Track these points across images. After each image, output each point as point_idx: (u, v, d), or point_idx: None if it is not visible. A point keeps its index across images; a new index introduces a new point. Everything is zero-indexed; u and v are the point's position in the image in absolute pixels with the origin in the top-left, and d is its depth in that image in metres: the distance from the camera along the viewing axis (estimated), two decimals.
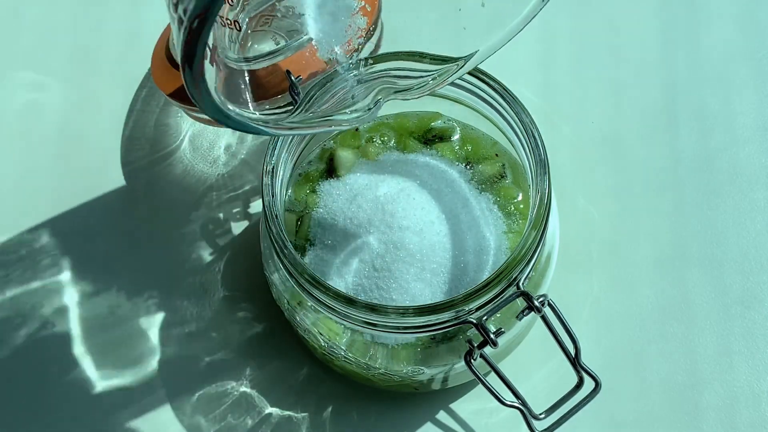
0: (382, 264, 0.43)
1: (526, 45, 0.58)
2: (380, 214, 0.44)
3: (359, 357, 0.43)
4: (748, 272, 0.50)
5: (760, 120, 0.54)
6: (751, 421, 0.47)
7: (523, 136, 0.41)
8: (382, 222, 0.44)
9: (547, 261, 0.44)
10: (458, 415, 0.48)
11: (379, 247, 0.43)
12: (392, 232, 0.44)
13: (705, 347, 0.49)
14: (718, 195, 0.53)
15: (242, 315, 0.51)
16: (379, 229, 0.44)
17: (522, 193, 0.45)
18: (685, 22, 0.58)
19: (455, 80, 0.42)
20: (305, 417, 0.48)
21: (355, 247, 0.44)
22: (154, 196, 0.55)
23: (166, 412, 0.49)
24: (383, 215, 0.44)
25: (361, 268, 0.43)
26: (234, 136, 0.56)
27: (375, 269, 0.43)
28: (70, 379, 0.50)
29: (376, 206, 0.44)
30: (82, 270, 0.53)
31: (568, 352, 0.40)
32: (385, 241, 0.44)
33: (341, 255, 0.44)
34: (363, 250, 0.44)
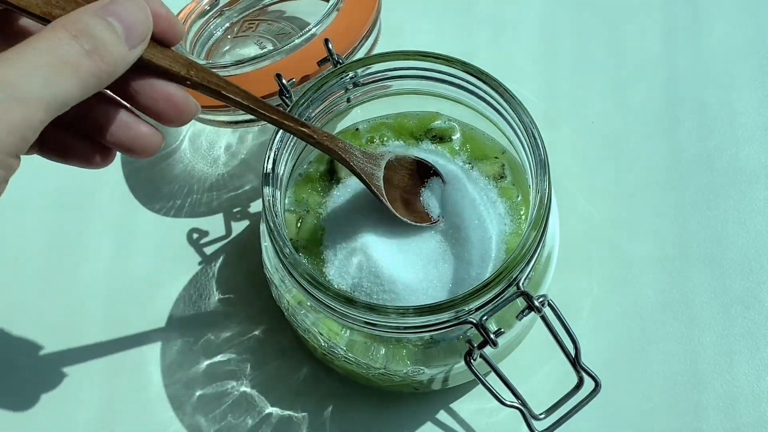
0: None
1: (527, 45, 0.58)
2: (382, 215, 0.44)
3: (359, 357, 0.43)
4: (748, 272, 0.50)
5: (760, 120, 0.54)
6: (752, 420, 0.47)
7: (523, 136, 0.41)
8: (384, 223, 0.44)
9: (547, 261, 0.44)
10: (458, 415, 0.48)
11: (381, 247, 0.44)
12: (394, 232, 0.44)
13: (705, 347, 0.49)
14: (718, 195, 0.53)
15: (242, 315, 0.51)
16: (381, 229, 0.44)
17: (522, 193, 0.45)
18: (685, 22, 0.58)
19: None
20: (305, 417, 0.48)
21: (355, 248, 0.44)
22: (154, 195, 0.55)
23: (166, 412, 0.49)
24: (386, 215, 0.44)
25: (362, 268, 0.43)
26: (234, 136, 0.56)
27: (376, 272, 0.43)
28: (70, 379, 0.50)
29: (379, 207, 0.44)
30: (81, 270, 0.53)
31: (568, 352, 0.40)
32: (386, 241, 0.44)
33: (341, 256, 0.44)
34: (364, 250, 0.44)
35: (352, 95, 0.46)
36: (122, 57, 0.31)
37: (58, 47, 0.29)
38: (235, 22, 0.58)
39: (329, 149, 0.40)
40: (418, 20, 0.59)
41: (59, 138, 0.34)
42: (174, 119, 0.34)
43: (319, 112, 0.44)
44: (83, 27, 0.30)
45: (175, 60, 0.33)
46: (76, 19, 0.30)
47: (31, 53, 0.29)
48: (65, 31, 0.29)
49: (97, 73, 0.30)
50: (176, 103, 0.33)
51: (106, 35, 0.30)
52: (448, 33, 0.59)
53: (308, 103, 0.43)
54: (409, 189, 0.43)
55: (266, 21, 0.58)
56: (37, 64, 0.29)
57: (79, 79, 0.29)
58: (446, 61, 0.43)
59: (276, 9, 0.58)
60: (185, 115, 0.34)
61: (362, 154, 0.41)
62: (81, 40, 0.29)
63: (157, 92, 0.33)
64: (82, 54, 0.29)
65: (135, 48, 0.31)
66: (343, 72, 0.43)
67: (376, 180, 0.41)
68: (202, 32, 0.56)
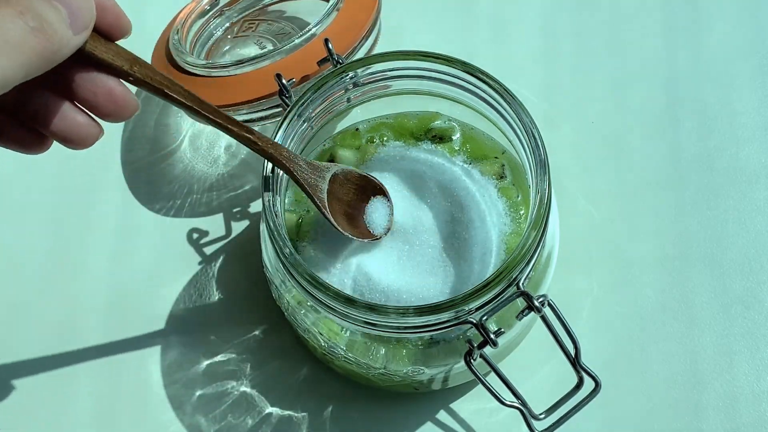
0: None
1: (526, 45, 0.58)
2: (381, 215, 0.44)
3: (359, 357, 0.43)
4: (748, 272, 0.50)
5: (761, 120, 0.54)
6: (752, 420, 0.47)
7: (523, 136, 0.41)
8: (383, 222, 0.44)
9: (547, 261, 0.44)
10: (458, 415, 0.48)
11: (381, 248, 0.44)
12: (394, 232, 0.44)
13: (705, 347, 0.49)
14: (718, 195, 0.53)
15: (242, 315, 0.51)
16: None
17: (522, 193, 0.45)
18: (685, 22, 0.58)
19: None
20: (305, 417, 0.48)
21: (356, 248, 0.44)
22: (154, 195, 0.55)
23: (166, 412, 0.49)
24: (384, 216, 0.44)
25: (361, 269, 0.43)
26: None
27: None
28: (70, 379, 0.50)
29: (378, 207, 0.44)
30: (82, 270, 0.53)
31: (568, 352, 0.40)
32: (386, 241, 0.44)
33: (341, 256, 0.44)
34: (365, 250, 0.44)
35: (352, 95, 0.46)
36: (67, 39, 0.30)
37: (1, 24, 0.29)
38: (235, 22, 0.58)
39: (273, 157, 0.39)
40: (418, 20, 0.59)
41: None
42: (112, 114, 0.33)
43: (319, 112, 0.44)
44: (28, 4, 0.29)
45: (119, 54, 0.33)
46: (20, 2, 0.30)
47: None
48: (9, 7, 0.29)
49: (42, 52, 0.29)
50: (116, 99, 0.33)
51: (52, 15, 0.30)
52: (448, 33, 0.59)
53: (308, 103, 0.43)
54: (353, 204, 0.43)
55: (266, 21, 0.58)
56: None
57: (23, 57, 0.29)
58: (446, 61, 0.43)
59: (276, 9, 0.58)
60: (124, 110, 0.34)
61: (307, 164, 0.40)
62: (26, 17, 0.29)
63: (97, 86, 0.33)
64: (27, 31, 0.29)
65: (79, 34, 0.31)
66: (343, 72, 0.43)
67: (320, 192, 0.40)
68: (202, 32, 0.56)
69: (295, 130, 0.43)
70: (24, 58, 0.29)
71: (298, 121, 0.43)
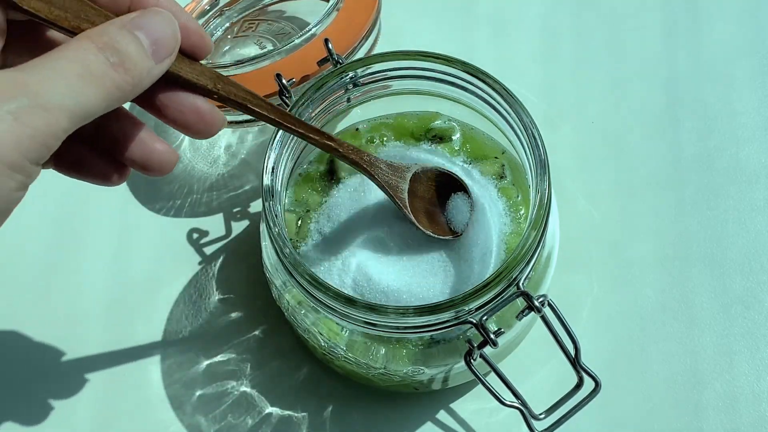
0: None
1: (526, 45, 0.58)
2: (382, 216, 0.44)
3: (359, 357, 0.43)
4: (748, 272, 0.50)
5: (761, 120, 0.54)
6: (752, 420, 0.47)
7: (523, 136, 0.41)
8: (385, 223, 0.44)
9: (547, 261, 0.44)
10: (458, 415, 0.48)
11: (381, 248, 0.44)
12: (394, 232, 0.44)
13: (705, 347, 0.49)
14: (718, 195, 0.53)
15: (242, 315, 0.51)
16: (381, 229, 0.44)
17: (522, 193, 0.45)
18: (685, 22, 0.58)
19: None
20: (305, 417, 0.48)
21: (356, 248, 0.44)
22: (154, 195, 0.55)
23: (166, 412, 0.49)
24: (385, 217, 0.44)
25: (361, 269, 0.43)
26: (234, 136, 0.56)
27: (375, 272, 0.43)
28: (70, 379, 0.50)
29: (379, 208, 0.44)
30: (82, 270, 0.53)
31: (568, 352, 0.40)
32: (386, 241, 0.44)
33: (341, 256, 0.44)
34: (365, 250, 0.44)
35: (352, 95, 0.46)
36: (147, 71, 0.31)
37: (83, 57, 0.29)
38: (235, 22, 0.58)
39: (355, 162, 0.40)
40: (418, 20, 0.59)
41: (76, 152, 0.34)
42: (202, 131, 0.34)
43: (319, 112, 0.44)
44: (109, 39, 0.30)
45: (203, 74, 0.33)
46: (103, 32, 0.30)
47: (56, 62, 0.29)
48: (91, 42, 0.30)
49: (122, 85, 0.30)
50: (203, 116, 0.34)
51: (132, 48, 0.30)
52: (448, 33, 0.59)
53: (308, 103, 0.43)
54: (433, 201, 0.43)
55: (266, 21, 0.58)
56: (63, 73, 0.29)
57: (103, 90, 0.29)
58: (446, 61, 0.43)
59: (276, 9, 0.58)
60: (213, 127, 0.34)
61: (388, 166, 0.41)
62: (106, 52, 0.30)
63: (184, 105, 0.33)
64: (107, 66, 0.29)
65: (161, 62, 0.31)
66: (343, 72, 0.43)
67: (401, 193, 0.41)
68: None
69: None
70: (105, 91, 0.29)
71: None
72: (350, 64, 0.44)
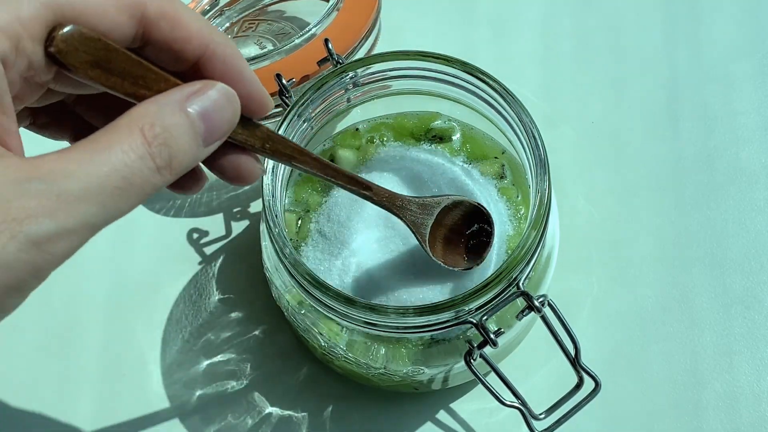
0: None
1: (526, 45, 0.58)
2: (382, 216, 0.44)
3: (359, 357, 0.43)
4: (748, 272, 0.50)
5: (761, 120, 0.54)
6: (752, 420, 0.47)
7: (523, 136, 0.41)
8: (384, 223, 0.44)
9: (547, 261, 0.44)
10: (458, 415, 0.48)
11: (381, 248, 0.44)
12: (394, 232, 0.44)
13: (705, 347, 0.49)
14: (718, 195, 0.53)
15: (242, 315, 0.51)
16: (381, 229, 0.44)
17: (522, 193, 0.45)
18: (685, 22, 0.58)
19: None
20: (305, 417, 0.48)
21: (356, 248, 0.44)
22: (154, 195, 0.55)
23: (166, 412, 0.49)
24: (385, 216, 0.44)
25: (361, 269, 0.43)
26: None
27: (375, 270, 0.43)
28: (69, 379, 0.50)
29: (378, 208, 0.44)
30: (81, 270, 0.53)
31: (568, 352, 0.40)
32: (386, 242, 0.44)
33: (341, 256, 0.44)
34: (365, 250, 0.44)
35: (352, 95, 0.46)
36: (193, 160, 0.28)
37: (127, 162, 0.26)
38: (235, 22, 0.58)
39: (388, 208, 0.40)
40: (418, 20, 0.59)
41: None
42: (238, 182, 0.32)
43: (319, 112, 0.44)
44: (162, 129, 0.27)
45: (253, 134, 0.32)
46: (157, 116, 0.27)
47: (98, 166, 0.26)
48: (141, 136, 0.26)
49: (160, 186, 0.27)
50: (243, 172, 0.32)
51: (184, 141, 0.27)
52: (448, 33, 0.59)
53: (308, 103, 0.43)
54: (456, 229, 0.43)
55: (266, 21, 0.58)
56: (101, 188, 0.26)
57: (138, 200, 0.27)
58: (446, 61, 0.43)
59: (276, 9, 0.58)
60: (250, 180, 0.32)
61: (418, 206, 0.41)
62: (154, 151, 0.26)
63: (228, 161, 0.31)
64: (152, 171, 0.27)
65: (209, 147, 0.29)
66: (343, 72, 0.43)
67: (423, 229, 0.41)
68: None
69: (295, 130, 0.43)
70: (139, 200, 0.27)
71: (298, 121, 0.43)
72: (350, 64, 0.44)
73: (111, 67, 0.28)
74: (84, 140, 0.26)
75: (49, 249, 0.25)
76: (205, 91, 0.29)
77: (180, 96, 0.28)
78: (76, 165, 0.25)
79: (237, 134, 0.31)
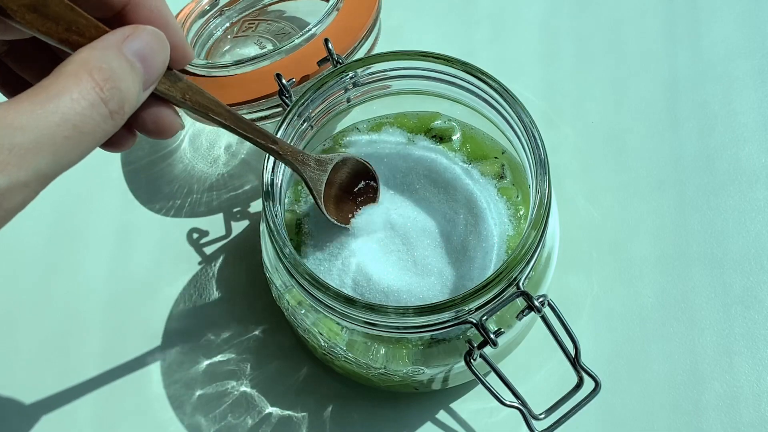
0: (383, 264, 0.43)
1: (527, 45, 0.58)
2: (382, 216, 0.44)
3: (359, 357, 0.43)
4: (748, 272, 0.50)
5: (761, 119, 0.54)
6: (752, 420, 0.47)
7: (523, 136, 0.41)
8: (384, 223, 0.44)
9: (547, 261, 0.44)
10: (458, 415, 0.48)
11: (381, 248, 0.44)
12: (394, 232, 0.44)
13: (705, 347, 0.49)
14: (718, 194, 0.53)
15: (242, 315, 0.51)
16: (381, 229, 0.44)
17: (522, 193, 0.45)
18: (685, 22, 0.58)
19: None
20: (305, 417, 0.48)
21: (356, 248, 0.44)
22: (154, 196, 0.55)
23: (166, 412, 0.49)
24: (385, 216, 0.44)
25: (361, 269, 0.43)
26: (234, 135, 0.56)
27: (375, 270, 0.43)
28: (69, 379, 0.50)
29: (379, 207, 0.44)
30: (81, 270, 0.53)
31: (568, 352, 0.39)
32: (386, 242, 0.44)
33: (341, 256, 0.44)
34: (365, 250, 0.44)
35: (352, 95, 0.46)
36: (137, 104, 0.28)
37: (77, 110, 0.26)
38: (235, 22, 0.58)
39: (289, 162, 0.40)
40: (418, 20, 0.59)
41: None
42: (158, 136, 0.32)
43: (319, 111, 0.44)
44: (110, 73, 0.27)
45: (174, 85, 0.32)
46: (102, 59, 0.27)
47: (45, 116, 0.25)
48: (91, 81, 0.26)
49: (110, 132, 0.27)
50: (163, 125, 0.32)
51: (131, 84, 0.27)
52: (448, 33, 0.59)
53: (308, 103, 0.43)
54: (344, 187, 0.44)
55: (266, 21, 0.58)
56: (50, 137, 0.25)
57: (88, 147, 0.26)
58: (446, 61, 0.43)
59: (276, 9, 0.58)
60: (169, 134, 0.32)
61: (315, 161, 0.42)
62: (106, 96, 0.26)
63: (148, 114, 0.31)
64: (104, 117, 0.26)
65: (147, 90, 0.29)
66: (343, 72, 0.43)
67: (319, 185, 0.42)
68: (202, 32, 0.56)
69: (295, 130, 0.43)
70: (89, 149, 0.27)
71: (298, 121, 0.43)
72: (350, 64, 0.44)
73: (46, 12, 0.28)
74: (31, 89, 0.26)
75: (1, 204, 0.25)
76: (138, 34, 0.28)
77: (116, 39, 0.28)
78: (25, 116, 0.25)
79: (159, 84, 0.31)
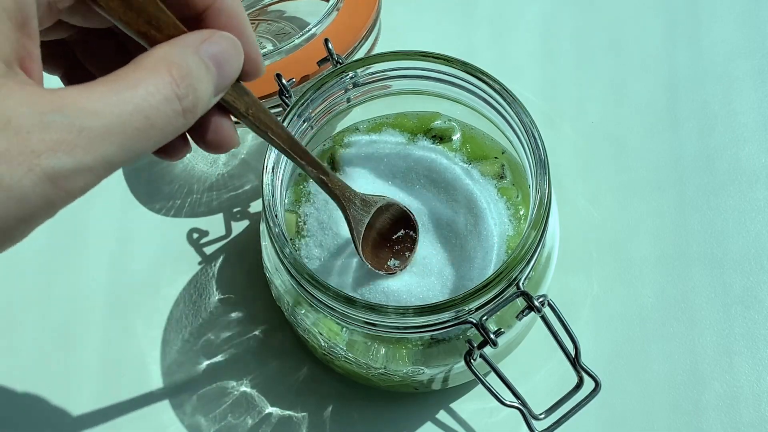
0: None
1: (526, 45, 0.58)
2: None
3: (359, 357, 0.43)
4: (748, 272, 0.50)
5: (761, 119, 0.54)
6: (752, 420, 0.47)
7: (523, 136, 0.41)
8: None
9: (547, 261, 0.44)
10: (458, 415, 0.48)
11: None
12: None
13: (705, 347, 0.49)
14: (718, 194, 0.53)
15: (242, 315, 0.51)
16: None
17: (522, 193, 0.45)
18: (685, 22, 0.58)
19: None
20: (305, 417, 0.48)
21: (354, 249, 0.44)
22: (154, 196, 0.55)
23: (166, 412, 0.49)
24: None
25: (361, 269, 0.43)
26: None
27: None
28: (69, 379, 0.50)
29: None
30: (81, 270, 0.53)
31: (568, 352, 0.39)
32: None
33: (341, 256, 0.44)
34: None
35: (352, 95, 0.46)
36: (208, 107, 0.28)
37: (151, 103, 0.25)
38: None
39: (338, 197, 0.40)
40: (418, 20, 0.59)
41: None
42: (214, 149, 0.32)
43: (319, 112, 0.44)
44: (188, 72, 0.26)
45: (240, 98, 0.31)
46: (182, 58, 0.27)
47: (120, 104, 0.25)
48: (168, 76, 0.26)
49: (180, 130, 0.27)
50: (222, 138, 0.31)
51: (205, 86, 0.27)
52: (448, 33, 0.59)
53: (308, 103, 0.43)
54: (384, 233, 0.43)
55: (266, 21, 0.58)
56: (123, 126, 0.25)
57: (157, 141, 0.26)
58: (446, 61, 0.43)
59: (276, 9, 0.58)
60: (226, 148, 0.32)
61: (361, 200, 0.41)
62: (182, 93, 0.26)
63: (210, 122, 0.31)
64: (176, 114, 0.26)
65: (216, 96, 0.29)
66: (343, 72, 0.43)
67: (360, 226, 0.41)
68: None
69: (295, 130, 0.43)
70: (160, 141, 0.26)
71: (298, 121, 0.43)
72: (350, 64, 0.44)
73: (131, 2, 0.27)
74: (109, 76, 0.26)
75: (64, 185, 0.25)
76: (216, 39, 0.28)
77: (195, 40, 0.28)
78: (99, 101, 0.25)
79: (226, 94, 0.31)
